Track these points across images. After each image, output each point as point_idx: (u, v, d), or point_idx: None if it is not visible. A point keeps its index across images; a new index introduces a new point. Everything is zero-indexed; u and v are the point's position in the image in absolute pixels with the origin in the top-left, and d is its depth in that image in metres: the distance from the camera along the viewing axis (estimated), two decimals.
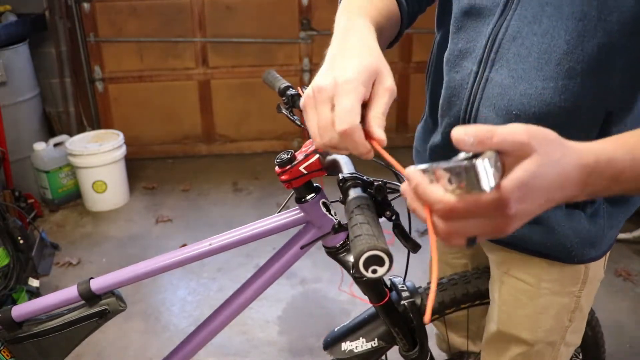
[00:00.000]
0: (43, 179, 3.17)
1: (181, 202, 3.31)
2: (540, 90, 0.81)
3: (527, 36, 0.82)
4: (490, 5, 0.86)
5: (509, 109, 0.85)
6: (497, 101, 0.86)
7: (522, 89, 0.83)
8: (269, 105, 3.71)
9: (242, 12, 3.56)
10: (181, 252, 1.06)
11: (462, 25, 0.91)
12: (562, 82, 0.80)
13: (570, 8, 0.77)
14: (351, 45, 0.72)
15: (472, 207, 0.54)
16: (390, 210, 0.86)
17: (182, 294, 2.50)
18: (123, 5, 3.49)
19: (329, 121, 0.67)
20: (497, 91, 0.85)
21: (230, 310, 1.13)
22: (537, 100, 0.82)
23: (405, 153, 1.63)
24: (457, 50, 0.92)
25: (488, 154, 0.53)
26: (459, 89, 0.92)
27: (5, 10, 3.13)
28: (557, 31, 0.79)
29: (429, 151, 1.09)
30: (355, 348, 1.13)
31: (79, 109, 3.64)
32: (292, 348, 2.16)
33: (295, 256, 1.09)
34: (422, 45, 3.67)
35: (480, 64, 0.87)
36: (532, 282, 1.02)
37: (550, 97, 0.81)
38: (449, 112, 0.95)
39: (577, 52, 0.78)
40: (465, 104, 0.90)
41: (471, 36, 0.89)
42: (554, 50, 0.79)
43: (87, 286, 1.05)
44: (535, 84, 0.82)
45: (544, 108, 0.82)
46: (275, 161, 0.98)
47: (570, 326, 1.06)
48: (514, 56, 0.83)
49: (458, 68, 0.92)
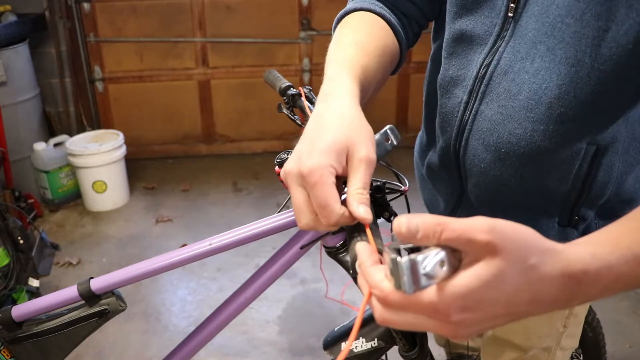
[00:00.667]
0: (43, 179, 3.17)
1: (181, 202, 3.31)
2: (530, 132, 0.79)
3: (519, 73, 0.78)
4: (482, 34, 0.83)
5: (497, 146, 0.82)
6: (486, 136, 0.84)
7: (511, 128, 0.80)
8: (269, 105, 3.72)
9: (242, 12, 3.56)
10: (181, 252, 1.06)
11: (453, 51, 0.88)
12: (552, 127, 0.78)
13: (564, 52, 0.74)
14: (326, 120, 0.68)
15: (406, 303, 0.48)
16: (389, 210, 0.86)
17: (182, 294, 2.50)
18: (123, 5, 3.49)
19: (302, 205, 0.64)
20: (487, 126, 0.83)
21: (230, 310, 1.13)
22: (526, 142, 0.80)
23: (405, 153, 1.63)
24: (448, 77, 0.89)
25: (431, 249, 0.47)
26: (450, 116, 0.89)
27: (5, 10, 3.13)
28: (549, 74, 0.76)
29: (425, 168, 1.07)
30: (355, 348, 1.13)
31: (79, 109, 3.64)
32: (292, 348, 2.16)
33: (295, 256, 1.09)
34: (422, 45, 3.64)
35: (470, 94, 0.84)
36: None
37: (540, 139, 0.79)
38: (442, 136, 0.93)
39: (569, 98, 0.75)
40: (455, 133, 0.88)
41: (462, 63, 0.86)
42: (545, 92, 0.76)
43: (87, 286, 1.05)
44: (524, 124, 0.79)
45: (533, 149, 0.80)
46: (275, 161, 0.98)
47: (565, 332, 1.05)
48: (505, 92, 0.80)
49: (449, 95, 0.90)
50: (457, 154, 0.89)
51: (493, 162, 0.84)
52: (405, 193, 0.92)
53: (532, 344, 1.05)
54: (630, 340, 2.16)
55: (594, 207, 0.88)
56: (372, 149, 0.66)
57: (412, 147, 1.28)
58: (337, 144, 0.64)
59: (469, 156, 0.87)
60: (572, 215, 0.87)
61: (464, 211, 0.98)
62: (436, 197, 1.04)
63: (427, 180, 1.07)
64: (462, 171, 0.91)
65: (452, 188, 0.97)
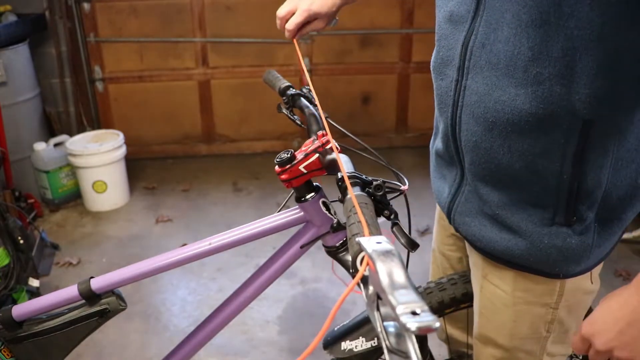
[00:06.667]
0: (43, 179, 3.17)
1: (181, 202, 3.31)
2: (513, 97, 0.83)
3: (494, 43, 0.84)
4: (464, 13, 0.88)
5: (485, 116, 0.87)
6: (474, 109, 0.89)
7: (496, 96, 0.85)
8: (269, 105, 3.72)
9: (242, 12, 3.56)
10: (181, 252, 1.06)
11: (443, 32, 0.95)
12: (531, 89, 0.81)
13: (529, 16, 0.78)
14: None
15: None
16: (389, 209, 0.86)
17: (182, 293, 2.50)
18: (123, 5, 3.50)
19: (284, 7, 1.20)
20: (475, 99, 0.88)
21: (230, 310, 1.13)
22: (510, 107, 0.84)
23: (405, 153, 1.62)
24: (439, 58, 0.96)
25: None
26: (445, 96, 0.95)
27: (5, 10, 3.13)
28: (519, 39, 0.80)
29: (434, 156, 1.12)
30: (355, 347, 1.13)
31: (79, 109, 3.64)
32: (292, 348, 2.16)
33: (295, 256, 1.09)
34: (422, 45, 3.67)
35: (459, 71, 0.90)
36: (506, 289, 1.01)
37: (522, 103, 0.83)
38: (442, 117, 0.99)
39: (542, 57, 0.79)
40: (451, 111, 0.94)
41: (450, 44, 0.92)
42: (519, 57, 0.81)
43: (87, 285, 1.05)
44: (507, 90, 0.84)
45: (516, 115, 0.84)
46: (275, 161, 0.99)
47: (550, 337, 1.03)
48: (486, 63, 0.85)
49: (442, 76, 0.96)
50: (454, 132, 0.95)
51: (483, 133, 0.89)
52: (405, 192, 0.92)
53: (514, 345, 1.05)
54: None
55: (592, 206, 0.88)
56: (317, 8, 1.17)
57: (412, 147, 1.28)
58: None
59: (463, 131, 0.92)
60: (569, 213, 0.88)
61: (463, 196, 1.00)
62: (443, 185, 1.07)
63: (436, 168, 1.11)
64: (460, 149, 0.96)
65: (454, 171, 1.01)
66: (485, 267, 1.04)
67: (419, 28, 3.62)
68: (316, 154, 0.96)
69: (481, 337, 1.10)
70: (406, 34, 3.67)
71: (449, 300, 1.19)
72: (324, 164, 0.96)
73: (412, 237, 0.84)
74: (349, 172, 0.84)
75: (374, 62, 3.73)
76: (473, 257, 1.08)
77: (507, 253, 0.95)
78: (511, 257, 0.96)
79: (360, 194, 0.78)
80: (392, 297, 0.49)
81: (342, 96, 3.79)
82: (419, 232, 2.86)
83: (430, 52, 1.02)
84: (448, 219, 1.06)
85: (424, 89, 3.77)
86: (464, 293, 1.19)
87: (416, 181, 3.34)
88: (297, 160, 0.97)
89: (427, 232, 2.88)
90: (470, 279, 1.21)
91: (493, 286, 1.03)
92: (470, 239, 1.02)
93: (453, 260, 1.27)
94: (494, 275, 1.03)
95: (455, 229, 1.05)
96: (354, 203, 0.70)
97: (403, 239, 0.84)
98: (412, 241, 0.84)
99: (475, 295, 1.11)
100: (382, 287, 0.51)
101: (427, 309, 0.47)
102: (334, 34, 3.57)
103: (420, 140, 3.86)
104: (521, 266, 0.97)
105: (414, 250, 0.85)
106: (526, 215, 0.91)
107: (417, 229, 2.88)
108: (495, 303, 1.04)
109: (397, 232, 0.84)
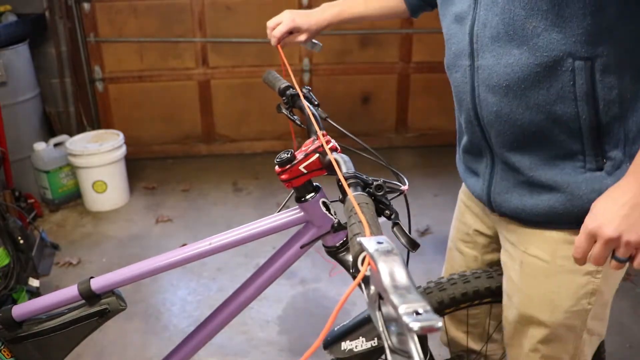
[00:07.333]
0: (43, 179, 3.17)
1: (181, 202, 3.31)
2: (518, 56, 0.93)
3: (492, 19, 0.95)
4: (465, 8, 1.01)
5: (499, 84, 0.97)
6: (489, 81, 0.98)
7: (504, 62, 0.95)
8: (269, 105, 3.72)
9: (242, 12, 3.56)
10: (181, 252, 1.06)
11: (451, 32, 1.06)
12: (532, 42, 0.91)
13: None
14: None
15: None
16: (390, 209, 0.86)
17: (182, 293, 2.50)
18: (123, 5, 3.49)
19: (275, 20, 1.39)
20: (487, 73, 0.98)
21: (230, 310, 1.13)
22: (519, 66, 0.93)
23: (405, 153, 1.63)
24: (452, 54, 1.07)
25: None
26: (462, 85, 1.04)
27: (5, 10, 3.13)
28: (511, 4, 0.92)
29: (462, 156, 1.19)
30: (355, 347, 1.13)
31: (79, 109, 3.64)
32: (292, 348, 2.16)
33: (295, 256, 1.09)
34: (422, 46, 3.67)
35: (470, 57, 1.01)
36: (547, 259, 1.04)
37: (527, 58, 0.93)
38: (463, 108, 1.07)
39: (534, 12, 0.90)
40: (470, 95, 1.03)
41: (459, 38, 1.03)
42: (515, 20, 0.92)
43: (87, 285, 1.05)
44: (512, 53, 0.94)
45: (525, 71, 0.93)
46: (275, 161, 0.99)
47: (590, 311, 1.07)
48: (489, 39, 0.96)
49: (457, 68, 1.06)
50: (476, 113, 1.03)
51: (501, 100, 0.97)
52: (405, 192, 0.92)
53: (557, 319, 1.07)
54: (630, 340, 2.16)
55: (618, 144, 0.94)
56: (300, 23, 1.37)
57: (412, 147, 1.29)
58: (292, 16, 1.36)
59: (484, 108, 1.01)
60: (598, 156, 0.96)
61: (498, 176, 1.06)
62: (476, 178, 1.14)
63: (465, 168, 1.18)
64: (484, 129, 1.04)
65: (484, 159, 1.09)
66: (526, 241, 1.07)
67: (419, 28, 3.62)
68: (316, 154, 0.96)
69: (522, 318, 1.12)
70: (406, 34, 3.66)
71: (448, 300, 1.19)
72: (324, 164, 0.96)
73: (412, 237, 0.84)
74: (350, 173, 0.84)
75: (374, 62, 3.73)
76: (512, 236, 1.11)
77: (550, 213, 1.00)
78: (555, 215, 1.00)
79: (360, 194, 0.78)
80: (394, 297, 0.49)
81: (342, 96, 3.79)
82: (419, 232, 2.86)
83: (431, 52, 1.03)
84: (489, 206, 1.12)
85: (424, 89, 3.77)
86: (463, 293, 1.19)
87: (416, 181, 3.34)
88: (297, 160, 0.97)
89: (427, 232, 2.88)
90: (469, 279, 1.21)
91: (534, 258, 1.06)
92: (513, 213, 1.06)
93: (469, 258, 1.30)
94: (535, 247, 1.06)
95: (498, 211, 1.10)
96: (353, 203, 0.70)
97: (404, 239, 0.84)
98: (413, 241, 0.84)
99: (511, 278, 1.13)
100: (383, 287, 0.51)
101: (429, 308, 0.47)
102: (334, 34, 3.57)
103: (420, 140, 3.86)
104: (566, 224, 1.01)
105: (414, 250, 0.85)
106: (559, 170, 0.98)
107: (417, 229, 2.88)
108: (536, 276, 1.07)
109: (398, 232, 0.85)
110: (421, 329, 0.46)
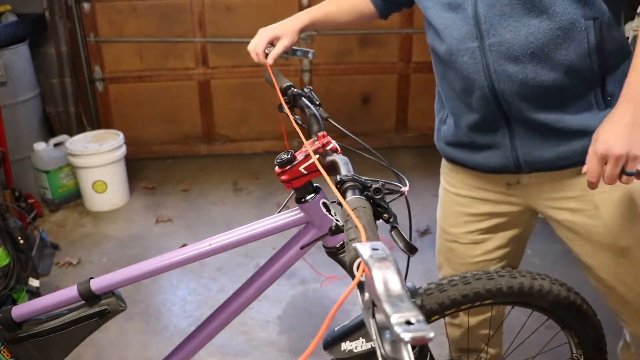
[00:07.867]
0: (43, 179, 3.17)
1: (181, 202, 3.31)
2: (538, 25, 1.03)
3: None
4: None
5: (522, 53, 1.05)
6: (502, 53, 1.06)
7: (524, 33, 1.04)
8: (269, 105, 3.72)
9: (242, 12, 3.56)
10: (181, 252, 1.06)
11: (445, 21, 1.11)
12: (550, 10, 1.01)
13: None
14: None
15: None
16: (388, 212, 0.85)
17: (182, 294, 2.50)
18: (123, 5, 3.49)
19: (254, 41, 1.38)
20: (506, 47, 1.06)
21: (230, 310, 1.13)
22: (541, 33, 1.03)
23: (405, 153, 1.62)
24: (454, 40, 1.11)
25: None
26: (473, 67, 1.10)
27: (6, 10, 3.13)
28: None
29: (466, 129, 1.22)
30: (355, 348, 1.13)
31: (79, 109, 3.64)
32: (292, 348, 2.16)
33: (295, 256, 1.09)
34: (422, 45, 3.67)
35: (478, 39, 1.07)
36: (615, 187, 1.10)
37: (547, 25, 1.03)
38: (471, 90, 1.13)
39: None
40: (483, 73, 1.09)
41: (459, 24, 1.09)
42: None
43: (87, 286, 1.05)
44: (532, 23, 1.03)
45: (547, 36, 1.03)
46: (275, 161, 0.99)
47: None
48: (501, 16, 1.05)
49: (463, 52, 1.10)
50: (493, 89, 1.10)
51: (526, 67, 1.06)
52: (405, 194, 0.91)
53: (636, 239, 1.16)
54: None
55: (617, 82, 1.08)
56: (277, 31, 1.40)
57: (412, 147, 1.29)
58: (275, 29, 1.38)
59: (500, 80, 1.09)
60: (605, 96, 1.10)
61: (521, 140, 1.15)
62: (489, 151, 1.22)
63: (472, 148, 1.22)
64: (503, 100, 1.11)
65: (499, 129, 1.16)
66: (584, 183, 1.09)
67: (419, 28, 3.62)
68: (316, 155, 0.96)
69: (612, 248, 1.18)
70: (406, 34, 3.66)
71: (449, 302, 1.19)
72: (323, 166, 0.96)
73: (410, 242, 0.83)
74: (348, 175, 0.83)
75: (374, 62, 3.73)
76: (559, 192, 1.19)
77: (586, 152, 1.04)
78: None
79: (358, 197, 0.76)
80: (386, 305, 0.49)
81: (342, 96, 3.79)
82: (419, 233, 2.86)
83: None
84: (517, 170, 1.19)
85: (424, 89, 3.76)
86: (464, 294, 1.19)
87: (416, 181, 3.33)
88: (298, 161, 0.97)
89: (427, 233, 2.87)
90: (470, 280, 1.21)
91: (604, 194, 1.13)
92: (553, 164, 1.15)
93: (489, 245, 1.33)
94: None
95: (530, 169, 1.18)
96: (348, 211, 0.70)
97: (402, 243, 0.83)
98: (411, 245, 0.83)
99: (594, 230, 1.18)
100: (377, 295, 0.51)
101: (422, 318, 0.47)
102: (334, 34, 3.57)
103: (420, 140, 3.86)
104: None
105: (412, 254, 0.85)
106: (580, 117, 1.10)
107: (417, 230, 2.88)
108: (621, 208, 1.14)
109: (396, 236, 0.83)
110: (412, 340, 0.46)
